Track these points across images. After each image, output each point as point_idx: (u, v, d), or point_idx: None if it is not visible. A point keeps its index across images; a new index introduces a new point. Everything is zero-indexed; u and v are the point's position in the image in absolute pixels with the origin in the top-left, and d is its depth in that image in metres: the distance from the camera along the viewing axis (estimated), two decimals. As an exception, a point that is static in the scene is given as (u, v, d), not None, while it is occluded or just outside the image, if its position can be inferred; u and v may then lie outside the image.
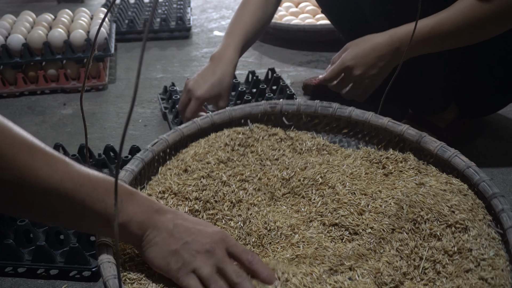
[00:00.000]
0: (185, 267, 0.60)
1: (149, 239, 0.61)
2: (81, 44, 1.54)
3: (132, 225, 0.60)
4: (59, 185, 0.55)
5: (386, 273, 0.65)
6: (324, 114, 0.91)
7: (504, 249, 0.67)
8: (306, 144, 0.89)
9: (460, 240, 0.67)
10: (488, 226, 0.69)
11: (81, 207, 0.57)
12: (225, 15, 2.30)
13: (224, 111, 0.88)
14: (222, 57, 1.10)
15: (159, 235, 0.61)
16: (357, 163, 0.84)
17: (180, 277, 0.60)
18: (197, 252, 0.60)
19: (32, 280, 0.86)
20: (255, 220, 0.75)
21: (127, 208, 0.60)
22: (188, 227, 0.62)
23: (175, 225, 0.62)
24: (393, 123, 0.86)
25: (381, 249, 0.69)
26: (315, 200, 0.78)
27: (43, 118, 1.41)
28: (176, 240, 0.61)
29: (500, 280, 0.62)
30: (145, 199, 0.62)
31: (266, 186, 0.81)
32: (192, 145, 0.85)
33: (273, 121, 0.92)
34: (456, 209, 0.70)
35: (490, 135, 1.23)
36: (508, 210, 0.69)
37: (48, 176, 0.55)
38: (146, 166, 0.79)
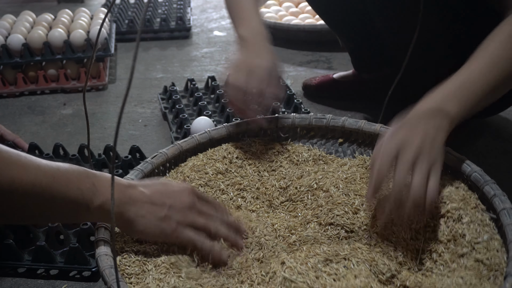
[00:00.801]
0: (180, 226, 0.66)
1: (132, 213, 0.64)
2: (81, 44, 1.54)
3: (109, 204, 0.61)
4: (34, 182, 0.57)
5: (381, 262, 0.66)
6: (318, 125, 0.93)
7: (498, 234, 0.68)
8: (302, 155, 0.91)
9: (453, 228, 0.68)
10: (482, 214, 0.71)
11: (59, 199, 0.59)
12: (225, 15, 2.30)
13: (222, 127, 0.92)
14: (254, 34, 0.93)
15: (140, 206, 0.64)
16: (353, 170, 0.85)
17: (178, 235, 0.66)
18: (182, 209, 0.67)
19: (32, 280, 0.86)
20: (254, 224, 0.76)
21: (100, 189, 0.62)
22: (162, 191, 0.67)
23: (151, 193, 0.66)
24: (385, 129, 0.87)
25: (376, 242, 0.72)
26: (311, 204, 0.80)
27: (43, 118, 1.41)
28: (159, 207, 0.65)
29: (495, 259, 0.64)
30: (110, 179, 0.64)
31: (264, 195, 0.84)
32: (190, 159, 0.88)
33: (270, 135, 0.95)
34: (447, 200, 0.71)
35: (490, 135, 1.23)
36: (500, 194, 0.70)
37: (21, 175, 0.56)
38: (146, 177, 0.81)
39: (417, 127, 0.70)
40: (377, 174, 0.68)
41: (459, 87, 0.74)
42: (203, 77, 1.60)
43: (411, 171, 0.67)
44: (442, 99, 0.73)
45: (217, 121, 1.25)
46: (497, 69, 0.75)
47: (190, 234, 0.66)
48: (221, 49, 1.89)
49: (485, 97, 0.76)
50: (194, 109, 1.33)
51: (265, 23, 0.98)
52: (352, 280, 0.62)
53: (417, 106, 0.75)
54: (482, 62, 0.76)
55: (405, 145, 0.68)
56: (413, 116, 0.73)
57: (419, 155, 0.68)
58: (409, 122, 0.72)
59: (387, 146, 0.70)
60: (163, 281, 0.62)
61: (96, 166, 1.08)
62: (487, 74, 0.75)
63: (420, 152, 0.68)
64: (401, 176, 0.67)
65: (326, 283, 0.62)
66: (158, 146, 1.21)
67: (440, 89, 0.75)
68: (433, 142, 0.70)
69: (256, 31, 0.93)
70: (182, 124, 1.22)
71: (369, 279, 0.63)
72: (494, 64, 0.75)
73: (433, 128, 0.71)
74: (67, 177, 0.60)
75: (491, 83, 0.75)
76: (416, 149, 0.68)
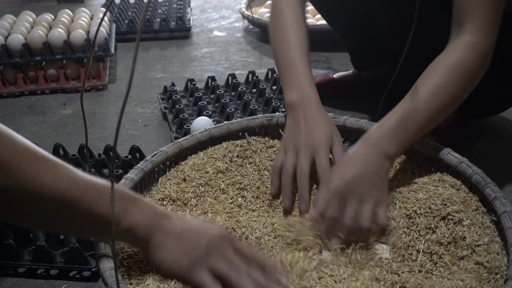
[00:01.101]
0: (198, 264, 0.61)
1: (157, 243, 0.61)
2: (81, 44, 1.54)
3: (138, 229, 0.60)
4: (64, 192, 0.55)
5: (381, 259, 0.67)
6: None
7: (499, 237, 0.68)
8: None
9: (454, 231, 0.69)
10: (482, 216, 0.71)
11: (87, 214, 0.57)
12: (225, 15, 2.30)
13: (222, 125, 0.91)
14: (306, 101, 0.87)
15: (167, 238, 0.61)
16: None
17: (193, 274, 0.61)
18: (207, 249, 0.61)
19: (32, 280, 0.86)
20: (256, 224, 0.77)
21: (132, 212, 0.60)
22: (195, 229, 0.63)
23: (183, 228, 0.62)
24: None
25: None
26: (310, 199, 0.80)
27: (43, 118, 1.41)
28: (185, 242, 0.61)
29: (496, 262, 0.64)
30: (149, 204, 0.63)
31: (264, 194, 0.84)
32: (191, 157, 0.88)
33: (270, 134, 0.94)
34: (448, 202, 0.71)
35: (490, 135, 1.23)
36: (501, 197, 0.70)
37: (53, 184, 0.55)
38: (146, 176, 0.81)
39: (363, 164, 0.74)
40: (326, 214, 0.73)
41: (396, 124, 0.76)
42: (203, 77, 1.60)
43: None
44: (380, 139, 0.76)
45: (217, 121, 1.25)
46: (439, 97, 0.77)
47: (206, 278, 0.60)
48: (221, 49, 1.88)
49: (423, 130, 0.78)
50: (194, 109, 1.33)
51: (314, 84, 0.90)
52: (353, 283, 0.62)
53: (360, 143, 0.77)
54: (424, 92, 0.77)
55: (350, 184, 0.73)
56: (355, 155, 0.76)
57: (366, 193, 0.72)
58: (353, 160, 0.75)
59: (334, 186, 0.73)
60: (164, 282, 0.62)
61: (96, 166, 1.08)
62: (428, 106, 0.77)
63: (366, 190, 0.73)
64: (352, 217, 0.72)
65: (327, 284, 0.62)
66: (158, 146, 1.20)
67: (379, 128, 0.77)
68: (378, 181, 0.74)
69: (306, 95, 0.87)
70: (182, 124, 1.22)
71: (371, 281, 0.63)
72: (436, 94, 0.77)
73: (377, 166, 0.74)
74: (100, 193, 0.58)
75: (431, 114, 0.77)
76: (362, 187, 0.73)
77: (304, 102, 0.86)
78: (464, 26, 0.80)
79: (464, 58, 0.78)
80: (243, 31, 2.06)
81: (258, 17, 1.93)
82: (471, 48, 0.78)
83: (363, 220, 0.71)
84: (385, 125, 0.77)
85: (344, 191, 0.72)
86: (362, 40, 1.31)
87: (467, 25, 0.80)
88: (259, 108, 1.31)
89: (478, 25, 0.79)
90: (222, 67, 1.72)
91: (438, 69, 0.79)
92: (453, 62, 0.78)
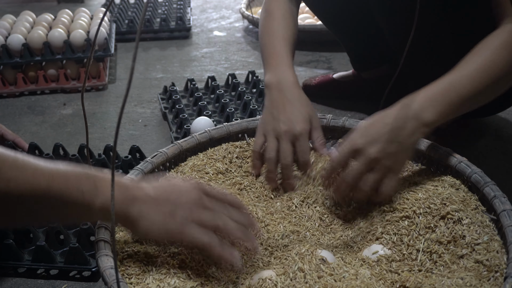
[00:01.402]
0: (185, 223, 0.62)
1: (137, 214, 0.62)
2: (81, 44, 1.54)
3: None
4: (31, 185, 0.56)
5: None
6: None
7: (498, 235, 0.68)
8: None
9: (453, 230, 0.69)
10: (482, 215, 0.71)
11: (59, 200, 0.58)
12: (225, 15, 2.30)
13: (222, 126, 0.92)
14: (283, 81, 0.90)
15: (145, 206, 0.62)
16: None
17: (185, 234, 0.62)
18: (188, 206, 0.63)
19: (32, 280, 0.86)
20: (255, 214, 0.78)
21: (102, 189, 0.60)
22: (166, 189, 0.65)
23: (156, 192, 0.64)
24: None
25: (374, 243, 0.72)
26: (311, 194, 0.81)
27: (43, 118, 1.41)
28: (164, 205, 0.63)
29: (495, 261, 0.64)
30: (116, 179, 0.63)
31: (264, 195, 0.84)
32: (190, 158, 0.88)
33: None
34: (447, 201, 0.71)
35: (490, 135, 1.23)
36: (500, 196, 0.70)
37: (19, 178, 0.55)
38: (146, 177, 0.80)
39: (390, 130, 0.72)
40: (334, 161, 0.75)
41: (441, 93, 0.74)
42: (203, 77, 1.60)
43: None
44: (421, 104, 0.73)
45: (217, 121, 1.25)
46: (485, 75, 0.76)
47: (197, 232, 0.63)
48: (221, 49, 1.89)
49: (466, 105, 0.76)
50: (194, 109, 1.34)
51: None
52: (353, 281, 0.62)
53: (396, 106, 0.75)
54: (471, 67, 0.76)
55: (370, 143, 0.72)
56: (388, 115, 0.74)
57: (380, 159, 0.72)
58: (383, 121, 0.74)
59: (353, 139, 0.74)
60: (164, 281, 0.62)
61: (96, 166, 1.08)
62: (474, 79, 0.75)
63: (382, 156, 0.72)
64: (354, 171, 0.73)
65: (327, 283, 0.62)
66: (158, 146, 1.21)
67: (422, 93, 0.75)
68: (399, 151, 0.72)
69: (283, 76, 0.89)
70: (182, 124, 1.22)
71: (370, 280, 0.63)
72: (483, 70, 0.76)
73: (406, 135, 0.72)
74: (66, 177, 0.58)
75: (476, 89, 0.75)
76: (379, 151, 0.72)
77: (280, 83, 0.88)
78: (508, 16, 0.80)
79: (510, 41, 0.77)
80: (243, 31, 2.07)
81: (258, 17, 1.93)
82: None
83: (363, 185, 0.72)
84: (427, 91, 0.75)
85: (357, 148, 0.72)
86: (361, 41, 1.31)
87: (509, 17, 0.80)
88: (259, 108, 1.31)
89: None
90: (222, 67, 1.72)
91: (485, 49, 0.78)
92: (497, 44, 0.78)
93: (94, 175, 0.61)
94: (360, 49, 1.34)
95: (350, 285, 0.62)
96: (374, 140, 0.72)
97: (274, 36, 0.96)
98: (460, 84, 0.75)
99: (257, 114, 1.22)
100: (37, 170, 0.57)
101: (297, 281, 0.62)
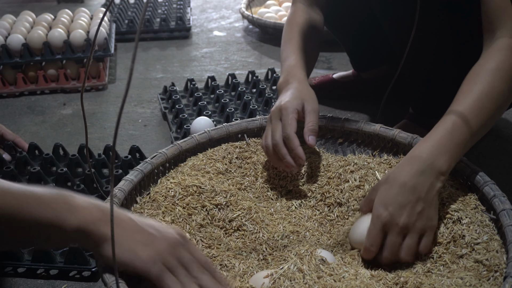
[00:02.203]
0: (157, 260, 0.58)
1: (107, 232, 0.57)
2: (81, 44, 1.54)
3: (89, 227, 0.57)
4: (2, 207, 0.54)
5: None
6: (318, 125, 0.92)
7: (498, 235, 0.68)
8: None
9: (453, 229, 0.69)
10: (481, 215, 0.71)
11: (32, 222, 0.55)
12: (225, 15, 2.30)
13: (222, 127, 0.92)
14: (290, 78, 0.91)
15: (124, 232, 0.58)
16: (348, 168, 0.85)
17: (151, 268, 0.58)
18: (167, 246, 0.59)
19: (32, 280, 0.86)
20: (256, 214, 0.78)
21: (78, 210, 0.57)
22: (150, 223, 0.61)
23: (138, 221, 0.60)
24: (385, 129, 0.88)
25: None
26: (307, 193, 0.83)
27: (43, 118, 1.41)
28: (141, 233, 0.59)
29: (495, 260, 0.64)
30: (91, 201, 0.59)
31: (265, 195, 0.84)
32: (190, 159, 0.88)
33: None
34: (447, 201, 0.72)
35: (490, 135, 1.23)
36: (500, 195, 0.70)
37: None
38: (146, 178, 0.81)
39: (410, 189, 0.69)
40: (369, 243, 0.69)
41: (447, 136, 0.72)
42: (203, 77, 1.60)
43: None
44: (431, 154, 0.71)
45: (217, 121, 1.25)
46: (487, 105, 0.74)
47: (164, 275, 0.58)
48: (221, 49, 1.89)
49: (474, 139, 0.74)
50: (194, 109, 1.34)
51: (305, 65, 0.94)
52: (353, 281, 0.62)
53: (406, 160, 0.72)
54: (471, 99, 0.74)
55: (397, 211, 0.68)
56: (402, 174, 0.70)
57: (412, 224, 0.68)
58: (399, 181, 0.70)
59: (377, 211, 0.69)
60: None
61: (96, 166, 1.08)
62: (477, 113, 0.73)
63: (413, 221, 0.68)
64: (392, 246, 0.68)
65: (326, 284, 0.62)
66: (158, 146, 1.21)
67: (429, 140, 0.72)
68: (426, 207, 0.69)
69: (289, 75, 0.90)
70: (182, 124, 1.22)
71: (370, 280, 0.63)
72: (485, 100, 0.74)
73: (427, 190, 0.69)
74: (40, 198, 0.56)
75: (481, 121, 0.73)
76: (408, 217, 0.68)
77: (287, 81, 0.90)
78: (497, 31, 0.78)
79: (505, 61, 0.76)
80: (243, 31, 2.07)
81: (258, 17, 1.93)
82: (510, 51, 0.76)
83: (403, 255, 0.68)
84: (434, 138, 0.72)
85: (386, 222, 0.68)
86: (361, 41, 1.31)
87: (501, 29, 0.78)
88: (259, 108, 1.31)
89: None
90: (222, 67, 1.72)
91: (480, 76, 0.76)
92: (494, 66, 0.76)
93: (70, 195, 0.58)
94: (360, 50, 1.34)
95: (350, 285, 0.61)
96: (399, 207, 0.68)
97: (290, 44, 0.98)
98: (465, 121, 0.72)
99: (257, 114, 1.22)
100: (9, 192, 0.55)
101: (296, 281, 0.62)
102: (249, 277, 0.67)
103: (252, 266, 0.69)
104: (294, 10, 1.05)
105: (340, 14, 1.25)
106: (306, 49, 0.97)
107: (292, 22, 1.02)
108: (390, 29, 1.07)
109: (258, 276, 0.65)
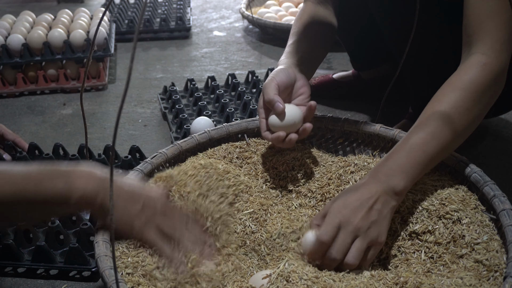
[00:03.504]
0: (148, 226, 0.68)
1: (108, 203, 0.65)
2: (81, 44, 1.54)
3: (89, 197, 0.65)
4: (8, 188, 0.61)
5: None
6: (318, 125, 0.93)
7: (498, 235, 0.68)
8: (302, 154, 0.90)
9: (453, 230, 0.69)
10: (481, 215, 0.71)
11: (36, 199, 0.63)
12: (225, 15, 2.30)
13: (222, 127, 0.92)
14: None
15: (117, 198, 0.67)
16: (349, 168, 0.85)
17: (145, 234, 0.68)
18: (154, 210, 0.69)
19: (32, 280, 0.86)
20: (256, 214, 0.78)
21: (77, 182, 0.64)
22: (139, 188, 0.70)
23: (128, 187, 0.69)
24: (385, 129, 0.88)
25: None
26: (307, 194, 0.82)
27: (43, 118, 1.41)
28: (135, 202, 0.68)
29: (495, 260, 0.64)
30: (88, 170, 0.67)
31: (265, 198, 0.83)
32: (190, 159, 0.87)
33: None
34: (446, 201, 0.72)
35: (490, 135, 1.23)
36: (500, 195, 0.70)
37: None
38: (146, 178, 0.81)
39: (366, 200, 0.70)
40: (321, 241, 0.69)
41: (405, 157, 0.72)
42: (203, 77, 1.60)
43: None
44: (387, 174, 0.71)
45: (217, 121, 1.25)
46: (446, 130, 0.73)
47: (154, 236, 0.68)
48: (221, 49, 1.89)
49: (435, 161, 0.74)
50: (194, 109, 1.34)
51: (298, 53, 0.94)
52: (352, 281, 0.62)
53: (365, 177, 0.74)
54: (431, 123, 0.73)
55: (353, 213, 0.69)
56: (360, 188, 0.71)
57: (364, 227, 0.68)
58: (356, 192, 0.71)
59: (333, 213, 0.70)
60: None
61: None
62: (436, 137, 0.73)
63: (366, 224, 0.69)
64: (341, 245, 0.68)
65: (326, 283, 0.62)
66: (158, 146, 1.21)
67: (386, 161, 0.73)
68: (379, 220, 0.69)
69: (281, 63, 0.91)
70: (182, 124, 1.22)
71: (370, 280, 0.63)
72: (443, 125, 0.73)
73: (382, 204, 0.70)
74: (40, 177, 0.63)
75: (441, 145, 0.73)
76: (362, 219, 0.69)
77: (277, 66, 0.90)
78: (474, 46, 0.77)
79: (475, 79, 0.74)
80: (243, 31, 2.07)
81: (258, 17, 1.93)
82: (482, 69, 0.74)
83: (350, 257, 0.68)
84: (393, 158, 0.73)
85: (342, 219, 0.69)
86: (361, 41, 1.31)
87: (477, 44, 0.76)
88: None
89: (488, 44, 0.75)
90: (222, 67, 1.72)
91: (448, 93, 0.75)
92: (463, 85, 0.74)
93: (66, 171, 0.65)
94: (360, 49, 1.34)
95: (350, 285, 0.62)
96: (356, 210, 0.69)
97: (289, 40, 1.00)
98: (425, 143, 0.72)
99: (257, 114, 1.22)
100: (11, 174, 0.62)
101: (294, 282, 0.62)
102: (248, 277, 0.67)
103: (252, 266, 0.69)
104: (302, 7, 1.07)
105: (340, 13, 1.25)
106: (304, 43, 0.97)
107: (296, 19, 1.04)
108: (390, 29, 1.07)
109: (257, 276, 0.65)
